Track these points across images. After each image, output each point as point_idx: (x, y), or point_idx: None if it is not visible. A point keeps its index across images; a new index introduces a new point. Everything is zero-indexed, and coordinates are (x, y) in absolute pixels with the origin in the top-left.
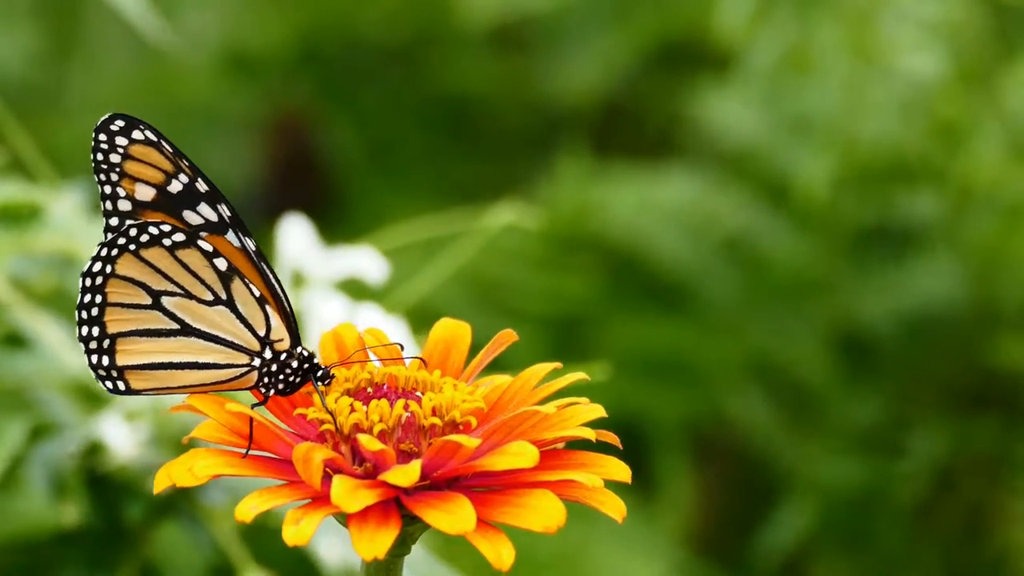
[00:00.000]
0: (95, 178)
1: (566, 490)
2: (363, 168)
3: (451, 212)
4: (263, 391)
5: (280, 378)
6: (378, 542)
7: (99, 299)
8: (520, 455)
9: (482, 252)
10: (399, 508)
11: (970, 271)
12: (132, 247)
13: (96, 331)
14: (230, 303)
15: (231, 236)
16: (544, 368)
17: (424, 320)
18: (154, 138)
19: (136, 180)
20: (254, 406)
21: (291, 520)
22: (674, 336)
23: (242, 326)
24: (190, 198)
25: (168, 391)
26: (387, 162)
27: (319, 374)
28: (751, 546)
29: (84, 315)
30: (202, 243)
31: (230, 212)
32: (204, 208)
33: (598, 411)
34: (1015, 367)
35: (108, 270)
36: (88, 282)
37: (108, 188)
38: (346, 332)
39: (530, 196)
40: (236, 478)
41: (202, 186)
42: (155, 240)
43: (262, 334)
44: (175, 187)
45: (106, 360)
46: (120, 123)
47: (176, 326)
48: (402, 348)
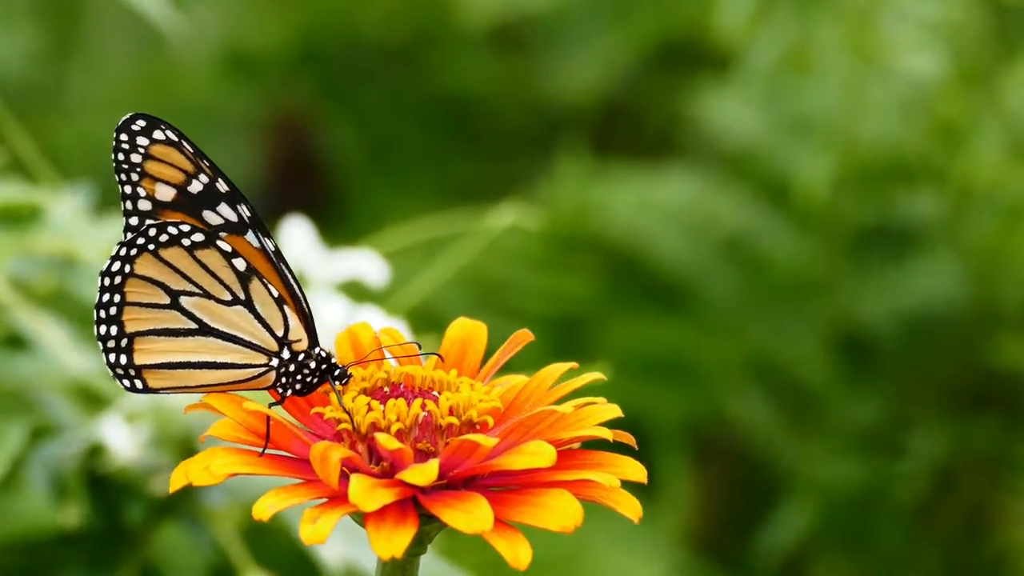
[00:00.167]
0: (116, 178)
1: (582, 490)
2: (363, 168)
3: (451, 212)
4: (280, 391)
5: (298, 378)
6: (396, 541)
7: (117, 298)
8: (538, 454)
9: (482, 253)
10: (416, 507)
11: (970, 271)
12: (151, 247)
13: (114, 330)
14: (248, 303)
15: (250, 236)
16: (560, 368)
17: (425, 321)
18: (175, 138)
19: (156, 180)
20: (271, 405)
21: (308, 519)
22: (674, 336)
23: (260, 326)
24: (210, 198)
25: (186, 390)
26: (387, 162)
27: (336, 373)
28: (751, 546)
29: (102, 314)
30: (221, 243)
31: (250, 212)
32: (224, 208)
33: (614, 411)
34: (1015, 367)
35: (127, 269)
36: (107, 281)
37: (128, 188)
38: (362, 332)
39: (530, 196)
40: (238, 479)
41: (222, 186)
42: (174, 240)
43: (280, 334)
44: (195, 187)
45: (124, 359)
46: (141, 123)
47: (194, 326)
48: (419, 346)
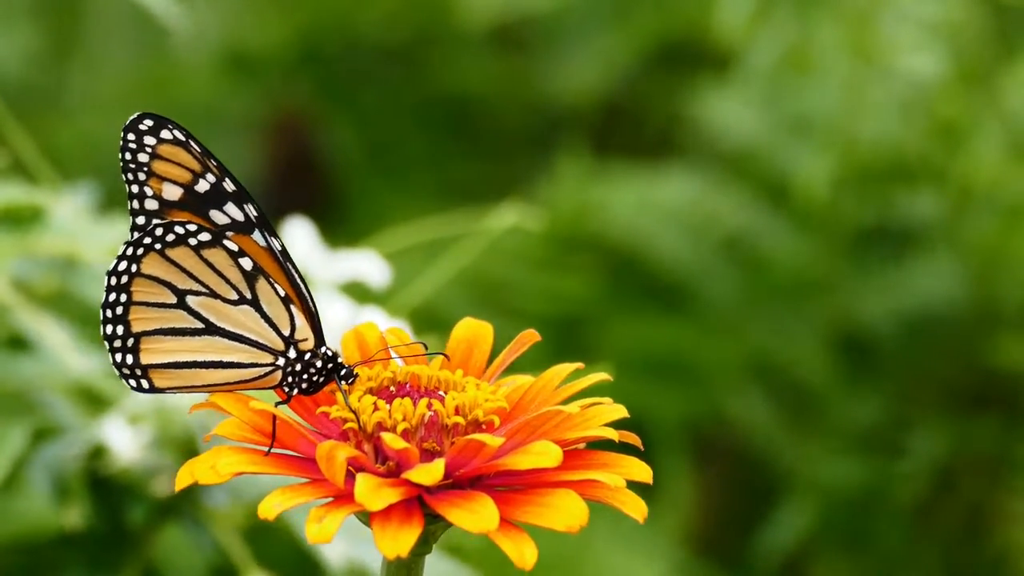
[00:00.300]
0: (123, 177)
1: (588, 490)
2: (363, 168)
3: (451, 212)
4: (287, 390)
5: (304, 377)
6: (401, 540)
7: (124, 298)
8: (544, 454)
9: (483, 253)
10: (422, 507)
11: (970, 271)
12: (158, 246)
13: (120, 330)
14: (255, 303)
15: (257, 236)
16: (566, 368)
17: (427, 322)
18: (182, 137)
19: (163, 179)
20: (278, 404)
21: (314, 518)
22: (674, 336)
23: (267, 325)
24: (217, 197)
25: (192, 390)
26: (387, 162)
27: (343, 373)
28: (751, 546)
29: (109, 314)
30: (228, 243)
31: (257, 212)
32: (231, 208)
33: (620, 411)
34: (1015, 367)
35: (133, 269)
36: (113, 281)
37: (135, 187)
38: (368, 332)
39: (530, 196)
40: (241, 479)
41: (229, 186)
42: (181, 239)
43: (287, 334)
44: (202, 186)
45: (130, 359)
46: (149, 122)
47: (201, 325)
48: (425, 346)
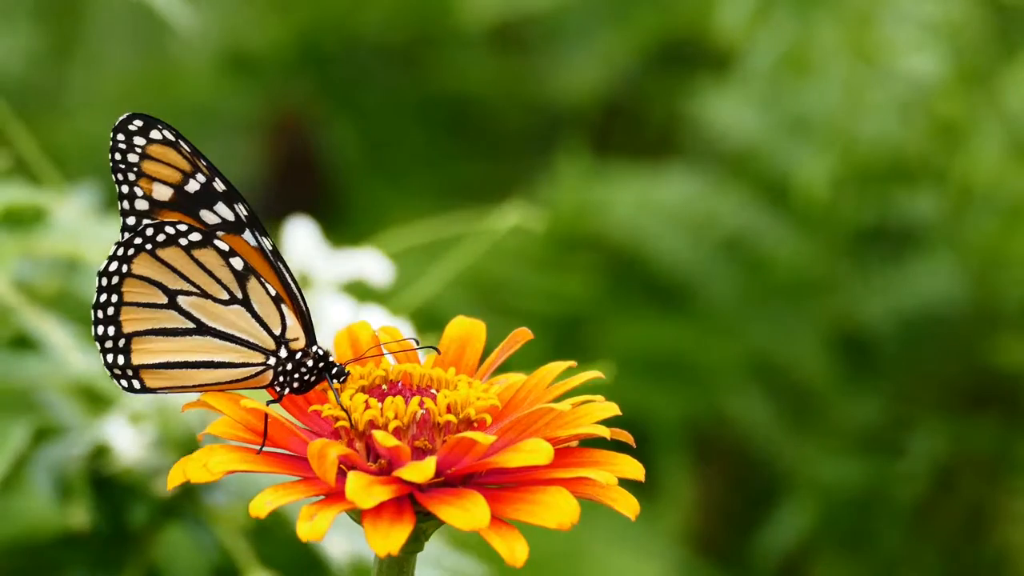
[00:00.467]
0: (113, 177)
1: (580, 487)
2: (363, 168)
3: (451, 212)
4: (278, 389)
5: (295, 376)
6: (392, 538)
7: (115, 298)
8: (535, 452)
9: (483, 253)
10: (413, 505)
11: (970, 271)
12: (148, 246)
13: (112, 330)
14: (246, 302)
15: (248, 235)
16: (558, 366)
17: (426, 321)
18: (172, 138)
19: (154, 179)
20: (269, 403)
21: (305, 516)
22: (674, 336)
23: (258, 325)
24: (207, 197)
25: (183, 390)
26: (387, 162)
27: (334, 372)
28: (751, 545)
29: (100, 314)
30: (218, 242)
31: (247, 212)
32: (221, 207)
33: (612, 409)
34: (1015, 367)
35: (124, 269)
36: (104, 281)
37: (126, 188)
38: (361, 330)
39: (530, 196)
40: (242, 479)
41: (219, 185)
42: (171, 240)
43: (277, 333)
44: (192, 186)
45: (121, 359)
46: (138, 123)
47: (192, 325)
48: (417, 344)
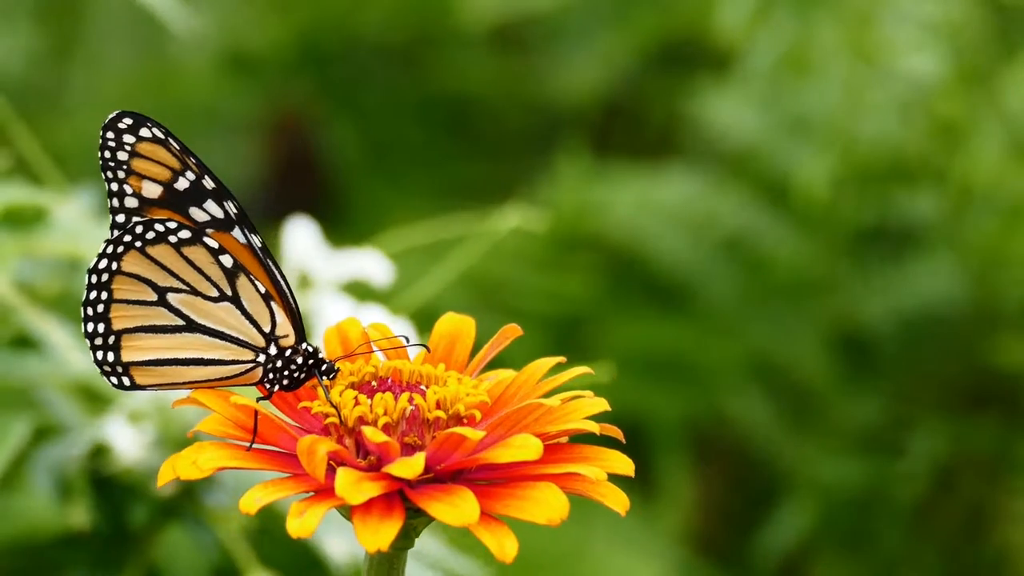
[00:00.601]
0: (103, 175)
1: (569, 483)
2: (363, 168)
3: (451, 212)
4: (268, 386)
5: (285, 373)
6: (382, 534)
7: (105, 296)
8: (524, 448)
9: (484, 253)
10: (403, 501)
11: (970, 271)
12: (138, 244)
13: (102, 327)
14: (235, 300)
15: (237, 233)
16: (548, 362)
17: (426, 322)
18: (162, 136)
19: (143, 177)
20: (259, 400)
21: (295, 512)
22: (674, 336)
23: (247, 322)
24: (197, 195)
25: (173, 387)
26: (387, 162)
27: (323, 368)
28: (751, 545)
29: (90, 312)
30: (208, 240)
31: (236, 209)
32: (211, 205)
33: (602, 404)
34: (1015, 367)
35: (114, 267)
36: (94, 279)
37: (115, 185)
38: (350, 327)
39: (530, 196)
40: (241, 478)
41: (209, 183)
42: (161, 237)
43: (267, 330)
44: (182, 184)
45: (111, 356)
46: (128, 121)
47: (182, 322)
48: (407, 340)
